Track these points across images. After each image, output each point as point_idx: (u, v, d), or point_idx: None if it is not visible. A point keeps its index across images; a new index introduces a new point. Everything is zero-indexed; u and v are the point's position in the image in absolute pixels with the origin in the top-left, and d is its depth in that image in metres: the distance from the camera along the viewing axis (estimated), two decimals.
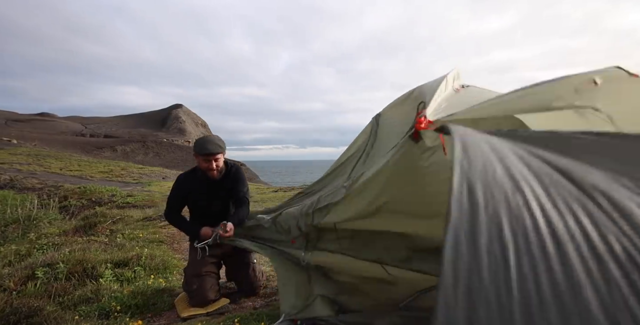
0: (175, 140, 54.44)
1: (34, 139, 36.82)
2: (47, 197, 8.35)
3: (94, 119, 73.05)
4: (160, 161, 37.10)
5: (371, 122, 1.99)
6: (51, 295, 2.63)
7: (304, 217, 2.00)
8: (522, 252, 0.64)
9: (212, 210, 2.59)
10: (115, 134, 56.41)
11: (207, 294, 2.41)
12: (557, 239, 0.66)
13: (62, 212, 7.42)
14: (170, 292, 2.73)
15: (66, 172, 15.93)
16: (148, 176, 17.38)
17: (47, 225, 5.88)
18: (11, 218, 6.19)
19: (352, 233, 1.98)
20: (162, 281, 2.95)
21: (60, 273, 2.94)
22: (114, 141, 45.25)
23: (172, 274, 3.24)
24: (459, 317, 0.58)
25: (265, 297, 2.65)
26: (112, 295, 2.58)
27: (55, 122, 61.60)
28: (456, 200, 0.70)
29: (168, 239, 4.67)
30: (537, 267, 0.62)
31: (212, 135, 2.57)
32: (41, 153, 24.71)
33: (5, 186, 11.20)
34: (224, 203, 2.63)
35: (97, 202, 8.50)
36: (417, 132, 1.35)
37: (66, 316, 2.31)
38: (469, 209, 0.69)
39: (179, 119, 67.74)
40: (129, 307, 2.45)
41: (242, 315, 2.23)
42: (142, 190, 10.85)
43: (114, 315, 2.35)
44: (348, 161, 2.05)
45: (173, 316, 2.40)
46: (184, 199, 2.60)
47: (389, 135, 1.75)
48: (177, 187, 2.60)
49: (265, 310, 2.31)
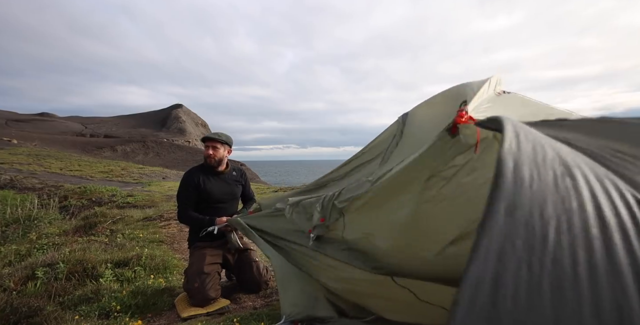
0: (176, 140, 54.46)
1: (34, 139, 36.83)
2: (47, 197, 8.35)
3: (94, 119, 73.08)
4: (160, 161, 37.10)
5: (397, 121, 1.98)
6: (51, 295, 2.63)
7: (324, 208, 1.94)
8: (563, 230, 0.65)
9: (220, 205, 2.73)
10: (115, 134, 56.41)
11: (208, 292, 2.42)
12: (602, 221, 0.66)
13: (62, 212, 7.42)
14: (170, 292, 2.73)
15: (66, 172, 15.93)
16: (148, 176, 17.39)
17: (47, 225, 5.88)
18: (11, 218, 6.20)
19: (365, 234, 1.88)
20: (162, 281, 2.95)
21: (60, 273, 2.94)
22: (114, 141, 45.24)
23: (172, 274, 3.24)
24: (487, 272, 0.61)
25: (265, 297, 2.65)
26: (112, 295, 2.58)
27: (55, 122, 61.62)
28: (501, 175, 0.71)
29: (168, 239, 4.67)
30: (576, 245, 0.64)
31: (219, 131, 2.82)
32: (41, 153, 24.72)
33: (5, 186, 11.20)
34: (232, 195, 2.81)
35: (97, 202, 8.51)
36: (456, 126, 1.30)
37: (66, 316, 2.31)
38: (512, 185, 0.70)
39: (179, 119, 67.76)
40: (129, 307, 2.45)
41: (242, 315, 2.22)
42: (142, 190, 10.85)
43: (114, 315, 2.34)
44: (369, 157, 2.01)
45: (173, 316, 2.40)
46: (194, 189, 2.65)
47: (418, 134, 1.71)
48: (187, 179, 2.69)
49: (265, 310, 2.31)
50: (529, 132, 0.86)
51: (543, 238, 0.65)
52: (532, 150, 0.78)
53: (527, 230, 0.65)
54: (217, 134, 2.73)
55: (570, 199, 0.70)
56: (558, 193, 0.70)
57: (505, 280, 0.61)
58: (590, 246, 0.64)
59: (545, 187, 0.71)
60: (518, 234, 0.64)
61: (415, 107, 1.98)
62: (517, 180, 0.71)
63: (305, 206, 2.06)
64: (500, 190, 0.69)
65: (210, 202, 2.69)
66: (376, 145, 2.03)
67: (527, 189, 0.70)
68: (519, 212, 0.67)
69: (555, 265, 0.62)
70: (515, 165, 0.73)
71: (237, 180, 2.87)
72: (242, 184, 2.91)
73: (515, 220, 0.66)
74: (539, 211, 0.67)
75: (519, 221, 0.66)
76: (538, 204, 0.68)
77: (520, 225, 0.65)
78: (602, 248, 0.64)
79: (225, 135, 2.77)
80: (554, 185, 0.72)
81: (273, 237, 2.29)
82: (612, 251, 0.64)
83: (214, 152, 2.67)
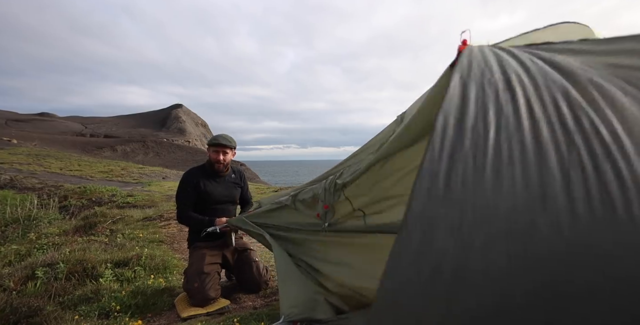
0: (175, 140, 54.44)
1: (34, 139, 36.82)
2: (47, 197, 8.34)
3: (94, 119, 73.06)
4: (160, 161, 37.09)
5: (395, 120, 1.97)
6: (51, 295, 2.63)
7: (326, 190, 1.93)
8: (501, 128, 0.83)
9: (218, 207, 2.71)
10: (115, 134, 56.40)
11: (208, 292, 2.42)
12: (533, 119, 0.83)
13: (62, 212, 7.42)
14: (170, 292, 2.73)
15: (66, 172, 15.93)
16: (148, 176, 17.38)
17: (47, 225, 5.88)
18: (11, 218, 6.20)
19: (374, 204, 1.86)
20: (162, 281, 2.95)
21: (60, 273, 2.94)
22: (114, 141, 45.23)
23: (172, 274, 3.24)
24: (440, 170, 0.79)
25: (265, 297, 2.65)
26: (112, 295, 2.57)
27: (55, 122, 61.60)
28: (449, 95, 0.91)
29: (168, 239, 4.67)
30: (512, 138, 0.81)
31: (225, 134, 2.81)
32: (41, 153, 24.72)
33: (5, 186, 11.20)
34: (230, 196, 2.80)
35: (97, 202, 8.50)
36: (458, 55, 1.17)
37: (66, 316, 2.31)
38: (460, 102, 0.89)
39: (179, 119, 67.75)
40: (129, 307, 2.45)
41: (242, 315, 2.23)
42: (142, 190, 10.85)
43: (114, 315, 2.34)
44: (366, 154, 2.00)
45: (173, 316, 2.40)
46: (193, 190, 2.64)
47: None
48: (186, 180, 2.68)
49: (265, 310, 2.31)
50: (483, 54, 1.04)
51: (485, 136, 0.82)
52: (480, 71, 0.96)
53: (473, 133, 0.83)
54: (226, 139, 2.68)
55: (508, 106, 0.87)
56: (498, 103, 0.88)
57: (456, 170, 0.78)
58: (522, 137, 0.80)
59: (487, 99, 0.89)
60: (465, 137, 0.82)
61: (410, 106, 1.97)
62: (465, 98, 0.90)
63: (308, 192, 2.08)
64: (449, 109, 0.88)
65: (209, 204, 2.68)
66: (373, 143, 2.03)
67: (472, 103, 0.88)
68: (467, 121, 0.85)
69: (495, 154, 0.78)
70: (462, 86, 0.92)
71: (237, 182, 2.86)
72: (240, 186, 2.90)
73: (462, 128, 0.84)
74: (482, 117, 0.85)
75: (466, 128, 0.84)
76: (482, 113, 0.86)
77: (468, 129, 0.83)
78: (531, 137, 0.80)
79: (232, 138, 2.74)
80: (495, 98, 0.89)
81: (276, 228, 2.28)
82: (540, 137, 0.79)
83: (224, 157, 2.66)
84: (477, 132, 0.82)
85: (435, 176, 0.77)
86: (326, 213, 1.93)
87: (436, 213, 0.75)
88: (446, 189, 0.76)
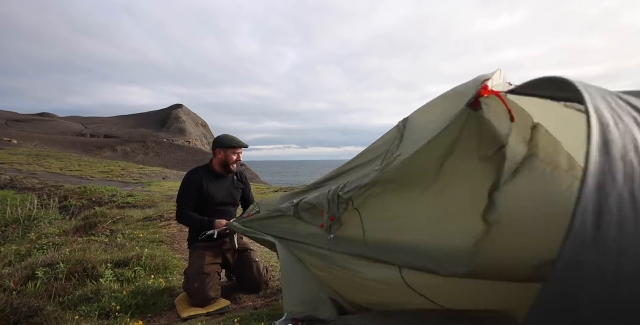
0: (176, 140, 54.42)
1: (34, 139, 36.81)
2: (47, 197, 8.35)
3: (94, 119, 73.02)
4: (160, 161, 37.08)
5: (397, 125, 1.95)
6: (51, 295, 2.63)
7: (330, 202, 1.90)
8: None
9: (219, 208, 2.71)
10: (115, 134, 56.37)
11: (208, 292, 2.42)
12: None
13: (62, 212, 7.42)
14: (170, 292, 2.73)
15: (66, 172, 15.93)
16: (148, 176, 17.38)
17: (47, 225, 5.88)
18: (11, 218, 6.20)
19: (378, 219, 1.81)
20: (162, 281, 2.95)
21: (60, 273, 2.94)
22: (114, 141, 45.22)
23: (172, 274, 3.24)
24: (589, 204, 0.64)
25: (266, 297, 2.65)
26: (112, 295, 2.57)
27: (55, 122, 61.59)
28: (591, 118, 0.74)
29: (168, 239, 4.67)
30: None
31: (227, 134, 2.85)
32: (41, 153, 24.72)
33: (5, 186, 11.20)
34: (231, 198, 2.80)
35: (97, 202, 8.50)
36: (477, 99, 1.17)
37: (66, 316, 2.31)
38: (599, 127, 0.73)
39: (179, 119, 67.72)
40: (129, 307, 2.45)
41: (242, 315, 2.22)
42: (142, 190, 10.85)
43: (114, 315, 2.34)
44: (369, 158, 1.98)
45: (173, 316, 2.40)
46: (196, 191, 2.64)
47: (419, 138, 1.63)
48: (189, 179, 2.68)
49: (266, 310, 2.31)
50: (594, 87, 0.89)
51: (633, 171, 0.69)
52: (602, 99, 0.83)
53: (624, 164, 0.69)
54: (240, 141, 2.76)
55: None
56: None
57: (608, 208, 0.64)
58: None
59: (629, 126, 0.76)
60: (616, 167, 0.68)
61: (415, 112, 1.94)
62: (603, 123, 0.74)
63: (312, 202, 2.04)
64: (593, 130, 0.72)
65: (210, 205, 2.68)
66: (375, 147, 2.01)
67: (613, 128, 0.74)
68: (614, 148, 0.70)
69: None
70: (596, 109, 0.77)
71: (238, 184, 2.88)
72: (242, 188, 2.91)
73: (611, 156, 0.70)
74: (632, 146, 0.72)
75: (614, 157, 0.70)
76: (630, 140, 0.72)
77: (616, 160, 0.69)
78: None
79: None
80: (636, 124, 0.77)
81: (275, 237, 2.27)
82: None
83: (239, 158, 2.75)
84: (628, 163, 0.70)
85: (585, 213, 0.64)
86: (331, 225, 1.91)
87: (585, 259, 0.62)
88: (596, 231, 0.63)
